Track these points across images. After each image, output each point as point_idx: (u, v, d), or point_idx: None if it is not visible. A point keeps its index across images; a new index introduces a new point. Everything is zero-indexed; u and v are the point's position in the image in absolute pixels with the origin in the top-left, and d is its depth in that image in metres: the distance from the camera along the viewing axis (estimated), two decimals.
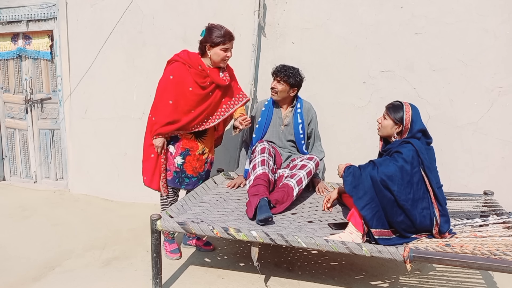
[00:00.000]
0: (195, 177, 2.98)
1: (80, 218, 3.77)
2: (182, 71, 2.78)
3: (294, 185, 2.81)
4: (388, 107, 2.53)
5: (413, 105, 2.50)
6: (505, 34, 3.10)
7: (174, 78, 2.78)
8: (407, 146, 2.38)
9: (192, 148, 2.90)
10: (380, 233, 2.31)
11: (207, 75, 2.80)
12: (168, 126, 2.79)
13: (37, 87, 4.57)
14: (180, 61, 2.80)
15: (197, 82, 2.79)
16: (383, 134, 2.57)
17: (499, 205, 2.75)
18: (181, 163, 2.90)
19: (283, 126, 3.14)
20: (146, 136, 2.93)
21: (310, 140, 3.24)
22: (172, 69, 2.81)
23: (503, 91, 3.15)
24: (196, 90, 2.79)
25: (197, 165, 2.95)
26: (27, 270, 2.87)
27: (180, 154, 2.89)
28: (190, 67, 2.78)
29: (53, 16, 4.25)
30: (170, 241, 3.03)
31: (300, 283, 2.66)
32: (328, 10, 3.44)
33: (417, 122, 2.45)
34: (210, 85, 2.83)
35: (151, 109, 2.88)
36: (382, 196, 2.31)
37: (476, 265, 2.09)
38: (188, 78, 2.78)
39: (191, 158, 2.91)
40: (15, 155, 4.86)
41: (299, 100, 3.16)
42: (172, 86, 2.78)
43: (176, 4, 3.80)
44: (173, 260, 2.96)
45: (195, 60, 2.79)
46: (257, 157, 2.88)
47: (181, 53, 2.85)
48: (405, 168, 2.32)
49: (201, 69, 2.78)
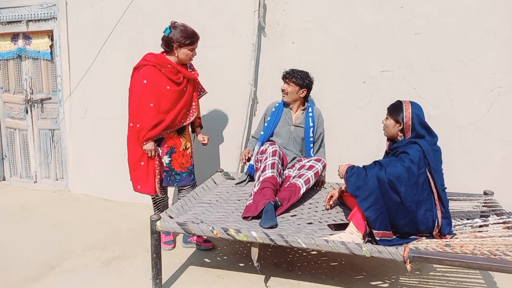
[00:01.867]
0: (185, 173, 3.05)
1: (80, 218, 3.77)
2: (154, 73, 2.83)
3: (302, 184, 2.86)
4: (388, 108, 2.55)
5: (413, 102, 2.49)
6: (505, 34, 3.09)
7: (149, 81, 2.82)
8: (414, 147, 2.37)
9: (176, 145, 2.99)
10: (382, 234, 2.31)
11: (179, 71, 2.89)
12: (156, 129, 2.85)
13: (37, 87, 4.57)
14: (149, 64, 2.84)
15: (172, 79, 2.87)
16: (388, 134, 2.58)
17: (499, 205, 2.75)
18: (169, 161, 2.98)
19: (293, 127, 3.22)
20: (130, 146, 2.90)
21: (316, 144, 3.28)
22: (143, 73, 2.83)
23: (503, 91, 3.15)
24: (173, 88, 2.88)
25: (183, 160, 3.03)
26: (27, 270, 2.87)
27: (167, 153, 2.97)
28: (161, 67, 2.84)
29: (53, 16, 4.25)
30: (166, 232, 3.05)
31: (300, 283, 2.66)
32: (328, 10, 3.44)
33: (418, 118, 2.44)
34: (183, 81, 2.93)
35: (131, 117, 2.87)
36: (388, 198, 2.30)
37: (476, 265, 2.09)
38: (162, 78, 2.84)
39: (177, 155, 3.00)
40: (15, 155, 4.86)
41: (311, 105, 3.28)
42: (149, 90, 2.82)
43: (176, 4, 3.80)
44: (166, 250, 3.06)
45: (163, 60, 2.87)
46: (268, 159, 2.90)
47: (147, 56, 2.89)
48: (412, 169, 2.31)
49: (171, 67, 2.86)
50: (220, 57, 3.73)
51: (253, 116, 3.73)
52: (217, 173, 3.47)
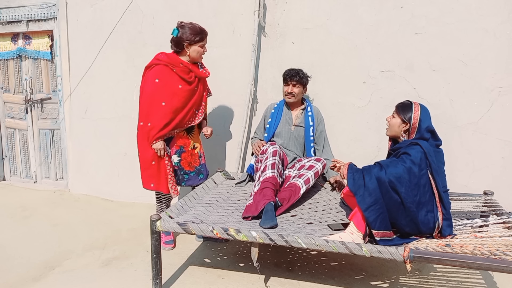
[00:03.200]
0: (193, 172, 3.08)
1: (80, 218, 3.77)
2: (166, 73, 2.84)
3: (302, 184, 2.86)
4: (397, 106, 2.53)
5: (423, 106, 2.49)
6: (505, 34, 3.09)
7: (160, 81, 2.83)
8: (415, 148, 2.36)
9: (185, 144, 3.01)
10: (382, 234, 2.30)
11: (190, 71, 2.90)
12: (166, 128, 2.86)
13: (37, 87, 4.57)
14: (161, 64, 2.85)
15: (184, 78, 2.88)
16: (391, 133, 2.56)
17: (499, 205, 2.75)
18: (178, 161, 2.99)
19: (293, 127, 3.24)
20: (141, 145, 2.90)
21: (320, 144, 3.28)
22: (155, 73, 2.84)
23: (503, 91, 3.15)
24: (185, 87, 2.89)
25: (192, 160, 3.06)
26: (27, 270, 2.87)
27: (176, 152, 2.98)
28: (173, 66, 2.85)
29: (53, 16, 4.25)
30: (166, 232, 3.07)
31: (300, 283, 2.66)
32: (328, 10, 3.44)
33: (425, 122, 2.43)
34: (195, 80, 2.95)
35: (141, 116, 2.88)
36: (388, 198, 2.29)
37: (476, 265, 2.09)
38: (174, 78, 2.86)
39: (186, 154, 3.02)
40: (15, 155, 4.86)
41: (309, 104, 3.30)
42: (161, 89, 2.83)
43: (176, 4, 3.80)
44: (166, 250, 3.06)
45: (175, 59, 2.88)
46: (269, 159, 2.90)
47: (159, 55, 2.90)
48: (413, 170, 2.30)
49: (183, 66, 2.87)
50: (220, 57, 3.73)
51: (253, 116, 3.74)
52: (217, 173, 3.47)
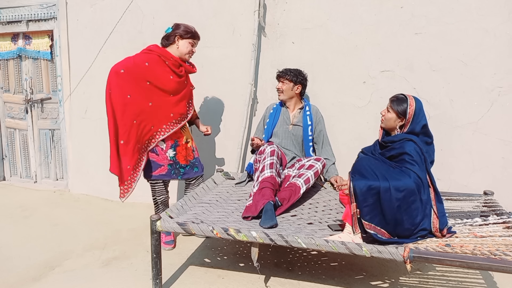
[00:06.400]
0: (188, 166, 3.10)
1: (80, 218, 3.77)
2: (159, 62, 2.89)
3: (302, 184, 2.85)
4: (392, 100, 2.51)
5: (417, 99, 2.48)
6: (505, 34, 3.09)
7: (150, 64, 2.86)
8: (411, 145, 2.36)
9: (179, 138, 3.05)
10: (373, 228, 2.29)
11: (180, 65, 2.96)
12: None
13: (37, 87, 4.57)
14: (155, 54, 2.90)
15: (175, 71, 2.93)
16: (386, 126, 2.56)
17: (499, 205, 2.75)
18: (173, 155, 3.02)
19: (291, 126, 3.24)
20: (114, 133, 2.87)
21: (319, 143, 3.29)
22: (147, 57, 2.88)
23: (503, 91, 3.15)
24: (175, 79, 2.94)
25: (186, 153, 3.08)
26: (27, 270, 2.87)
27: (171, 147, 3.01)
28: (165, 59, 2.90)
29: (53, 16, 4.25)
30: (166, 232, 3.06)
31: (300, 283, 2.66)
32: (328, 10, 3.44)
33: (419, 116, 2.43)
34: (184, 74, 3.01)
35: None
36: (388, 206, 2.28)
37: (476, 265, 2.08)
38: (166, 69, 2.90)
39: (180, 148, 3.05)
40: (15, 155, 4.86)
41: (307, 103, 3.30)
42: (151, 71, 2.86)
43: (176, 4, 3.80)
44: (166, 250, 3.07)
45: (166, 52, 2.93)
46: (267, 159, 2.89)
47: (151, 46, 2.96)
48: (420, 176, 2.31)
49: (174, 60, 2.92)
50: (220, 57, 3.73)
51: (253, 116, 3.74)
52: (217, 173, 3.47)
